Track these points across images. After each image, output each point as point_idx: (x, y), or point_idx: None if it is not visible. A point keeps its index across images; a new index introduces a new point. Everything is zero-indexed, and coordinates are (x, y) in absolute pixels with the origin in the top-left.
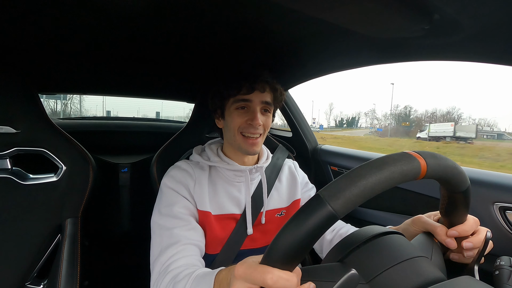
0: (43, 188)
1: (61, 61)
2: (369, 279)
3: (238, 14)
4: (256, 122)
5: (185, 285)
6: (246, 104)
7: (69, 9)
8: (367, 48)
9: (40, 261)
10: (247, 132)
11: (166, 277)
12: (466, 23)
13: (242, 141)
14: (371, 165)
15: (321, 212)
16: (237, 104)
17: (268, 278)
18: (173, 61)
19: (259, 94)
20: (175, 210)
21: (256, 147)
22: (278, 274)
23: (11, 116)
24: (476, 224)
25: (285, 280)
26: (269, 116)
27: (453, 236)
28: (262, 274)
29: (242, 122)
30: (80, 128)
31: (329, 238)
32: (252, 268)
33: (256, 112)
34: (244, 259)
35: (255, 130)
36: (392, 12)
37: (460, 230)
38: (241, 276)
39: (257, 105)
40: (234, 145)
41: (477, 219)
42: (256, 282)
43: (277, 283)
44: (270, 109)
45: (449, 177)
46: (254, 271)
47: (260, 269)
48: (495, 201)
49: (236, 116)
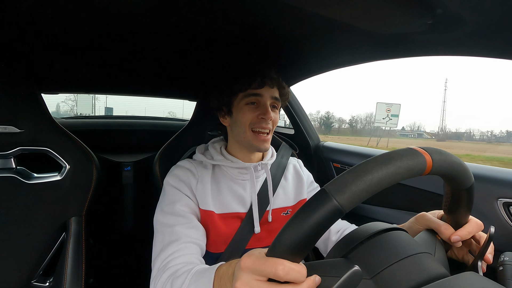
0: (47, 187)
1: (64, 60)
2: (373, 275)
3: (240, 12)
4: (268, 116)
5: (184, 280)
6: (256, 99)
7: (71, 8)
8: (369, 44)
9: (46, 259)
10: (259, 127)
11: (165, 273)
12: (469, 17)
13: (253, 138)
14: (377, 160)
15: (327, 206)
16: (247, 99)
17: (280, 269)
18: (175, 59)
19: (269, 89)
20: (176, 208)
21: (267, 143)
22: (289, 266)
23: (15, 115)
24: (478, 227)
25: (296, 272)
26: (277, 112)
27: (457, 241)
28: (274, 265)
29: (254, 117)
30: (83, 127)
31: (334, 239)
32: (261, 259)
33: (267, 106)
34: (249, 251)
35: (266, 125)
36: (394, 7)
37: (462, 234)
38: (249, 268)
39: (267, 100)
40: (243, 142)
41: (480, 222)
42: (266, 273)
43: (288, 275)
44: (278, 105)
45: (454, 174)
46: (265, 262)
47: (271, 261)
48: (499, 197)
49: (247, 111)
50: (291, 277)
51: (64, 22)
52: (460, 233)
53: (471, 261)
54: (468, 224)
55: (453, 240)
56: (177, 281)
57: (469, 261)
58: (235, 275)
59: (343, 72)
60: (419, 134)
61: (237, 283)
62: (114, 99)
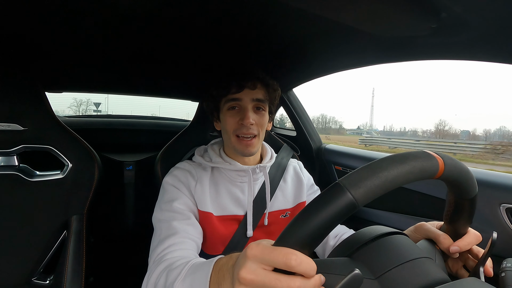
0: (49, 185)
1: (67, 59)
2: (378, 275)
3: (244, 13)
4: (247, 121)
5: (180, 272)
6: (236, 104)
7: (75, 8)
8: (373, 47)
9: (47, 257)
10: (240, 133)
11: (160, 265)
12: (474, 22)
13: (236, 142)
14: (393, 159)
15: (342, 200)
16: (228, 105)
17: (292, 259)
18: (178, 60)
19: (249, 91)
20: (174, 205)
21: (252, 148)
22: (301, 257)
23: (19, 114)
24: (477, 238)
25: (307, 264)
26: (264, 114)
27: (455, 251)
28: (286, 255)
29: (235, 123)
30: (86, 126)
31: (332, 243)
32: (271, 248)
33: (247, 111)
34: (256, 241)
35: (247, 130)
36: (399, 11)
37: (461, 245)
38: (256, 256)
39: (247, 103)
40: (230, 147)
41: (479, 234)
42: (275, 263)
43: (300, 265)
44: (263, 106)
45: (461, 181)
46: (274, 251)
47: (283, 250)
48: (502, 203)
49: (228, 117)
50: (303, 269)
51: (68, 21)
52: (459, 244)
53: (468, 275)
54: (467, 236)
55: (451, 250)
56: (173, 273)
57: (463, 276)
58: (239, 263)
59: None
60: (368, 132)
61: (242, 271)
62: (125, 100)
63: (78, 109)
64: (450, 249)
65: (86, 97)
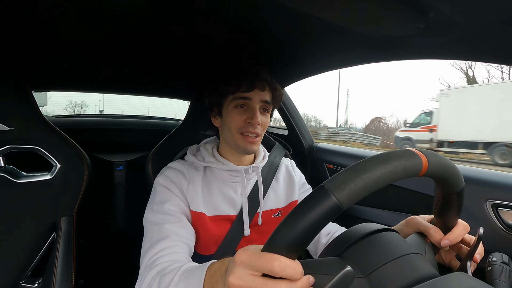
0: (37, 186)
1: (55, 58)
2: (367, 274)
3: (236, 12)
4: (256, 121)
5: (173, 277)
6: (245, 102)
7: (63, 5)
8: (363, 46)
9: (35, 260)
10: (246, 131)
11: (152, 270)
12: (461, 22)
13: (240, 139)
14: (375, 159)
15: (326, 203)
16: (236, 102)
17: (275, 265)
18: (170, 58)
19: (259, 92)
20: (166, 207)
21: (255, 146)
22: (285, 262)
23: (4, 113)
24: (466, 229)
25: (292, 268)
26: (268, 116)
27: (447, 245)
28: (270, 261)
29: (241, 121)
30: (75, 126)
31: (324, 241)
32: (257, 254)
33: (255, 111)
34: (245, 246)
35: (254, 129)
36: (387, 11)
37: (451, 238)
38: (243, 263)
39: (256, 103)
40: (232, 144)
41: (467, 224)
42: (261, 269)
43: (284, 271)
44: (269, 108)
45: (446, 176)
46: (260, 257)
47: (267, 256)
48: (488, 199)
49: (235, 115)
50: (287, 273)
51: (56, 18)
52: (449, 237)
53: (458, 266)
54: (456, 227)
55: (443, 244)
56: (166, 278)
57: (456, 266)
58: (229, 269)
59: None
60: (348, 130)
61: (230, 277)
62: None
63: (73, 110)
64: (441, 243)
65: (80, 99)
